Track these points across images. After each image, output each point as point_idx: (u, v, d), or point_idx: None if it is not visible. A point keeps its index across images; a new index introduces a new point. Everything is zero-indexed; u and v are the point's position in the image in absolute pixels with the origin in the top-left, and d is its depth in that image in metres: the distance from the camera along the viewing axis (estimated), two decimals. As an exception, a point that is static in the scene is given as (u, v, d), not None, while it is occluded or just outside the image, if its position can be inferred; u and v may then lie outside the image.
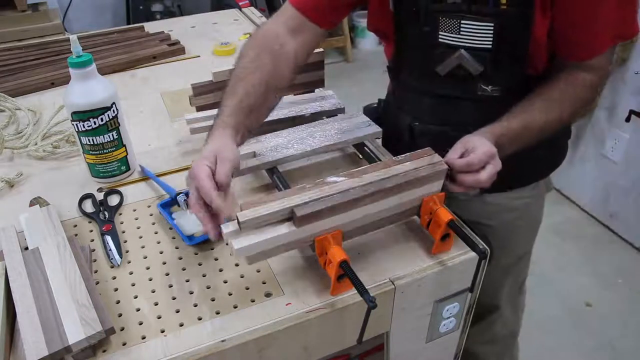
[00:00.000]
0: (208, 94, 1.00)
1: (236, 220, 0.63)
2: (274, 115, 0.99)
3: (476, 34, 0.82)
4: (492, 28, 0.81)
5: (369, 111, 1.15)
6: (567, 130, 1.05)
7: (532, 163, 0.99)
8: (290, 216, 0.65)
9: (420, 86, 0.96)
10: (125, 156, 0.93)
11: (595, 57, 0.84)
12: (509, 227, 1.05)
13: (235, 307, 0.68)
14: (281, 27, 0.88)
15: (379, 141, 1.03)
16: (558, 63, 0.88)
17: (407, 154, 0.74)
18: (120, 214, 0.86)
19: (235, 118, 0.77)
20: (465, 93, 0.90)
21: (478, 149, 0.75)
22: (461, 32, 0.83)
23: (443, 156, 0.75)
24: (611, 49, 0.85)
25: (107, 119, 0.86)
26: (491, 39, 0.82)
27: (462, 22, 0.82)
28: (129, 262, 0.76)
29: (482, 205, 1.02)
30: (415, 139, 0.99)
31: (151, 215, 0.85)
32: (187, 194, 0.86)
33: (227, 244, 0.65)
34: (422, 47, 0.90)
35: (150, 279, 0.73)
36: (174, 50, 1.44)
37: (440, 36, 0.85)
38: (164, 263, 0.76)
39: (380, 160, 0.93)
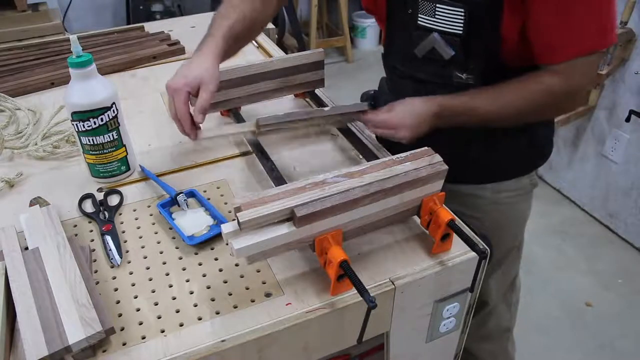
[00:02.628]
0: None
1: (236, 221, 0.64)
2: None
3: (449, 18, 0.86)
4: (462, 14, 0.84)
5: (365, 96, 1.17)
6: (548, 130, 1.06)
7: (512, 158, 1.02)
8: (290, 216, 0.65)
9: (404, 70, 1.01)
10: (125, 156, 0.93)
11: (562, 62, 0.84)
12: (494, 221, 1.06)
13: (235, 307, 0.68)
14: None
15: (374, 136, 1.04)
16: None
17: (408, 153, 0.74)
18: (120, 214, 0.86)
19: (225, 42, 0.88)
20: (442, 79, 0.93)
21: (394, 113, 0.89)
22: (436, 16, 0.87)
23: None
24: (584, 59, 0.83)
25: (107, 119, 0.86)
26: (462, 25, 0.85)
27: (437, 5, 0.86)
28: (129, 262, 0.76)
29: (467, 197, 1.04)
30: None
31: (151, 215, 0.85)
32: (187, 194, 0.86)
33: (227, 244, 0.65)
34: (405, 30, 0.94)
35: (150, 279, 0.73)
36: (174, 50, 1.44)
37: (419, 18, 0.90)
38: (164, 263, 0.76)
39: (374, 153, 0.94)
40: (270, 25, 1.65)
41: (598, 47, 0.84)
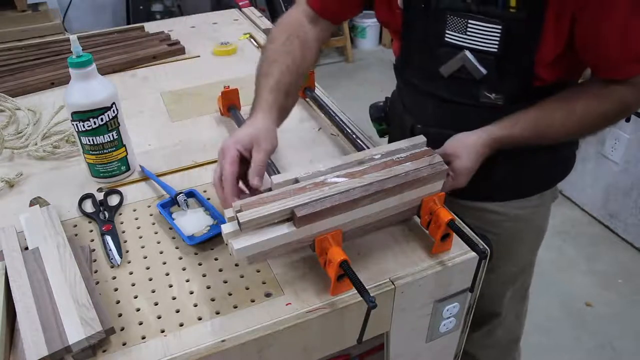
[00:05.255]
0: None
1: (236, 221, 0.63)
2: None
3: (482, 35, 0.80)
4: (499, 31, 0.78)
5: (375, 109, 1.14)
6: (572, 144, 1.01)
7: (536, 174, 0.98)
8: (290, 216, 0.65)
9: (424, 87, 0.94)
10: (125, 156, 0.93)
11: (635, 76, 0.78)
12: (513, 236, 1.03)
13: (235, 307, 0.68)
14: (302, 15, 0.94)
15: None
16: (591, 75, 0.83)
17: (408, 153, 0.74)
18: (120, 214, 0.86)
19: (275, 97, 0.80)
20: (468, 98, 0.88)
21: (454, 164, 0.81)
22: (467, 33, 0.81)
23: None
24: None
25: (107, 119, 0.86)
26: (497, 42, 0.79)
27: (470, 22, 0.80)
28: (129, 262, 0.76)
29: (485, 213, 1.00)
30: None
31: (151, 215, 0.85)
32: (187, 194, 0.86)
33: (226, 244, 0.65)
34: (428, 46, 0.87)
35: (150, 279, 0.73)
36: (174, 50, 1.44)
37: (447, 35, 0.83)
38: (164, 263, 0.76)
39: (367, 148, 0.94)
40: (270, 25, 1.65)
41: None
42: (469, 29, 0.80)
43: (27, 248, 0.74)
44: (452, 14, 0.81)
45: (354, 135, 0.98)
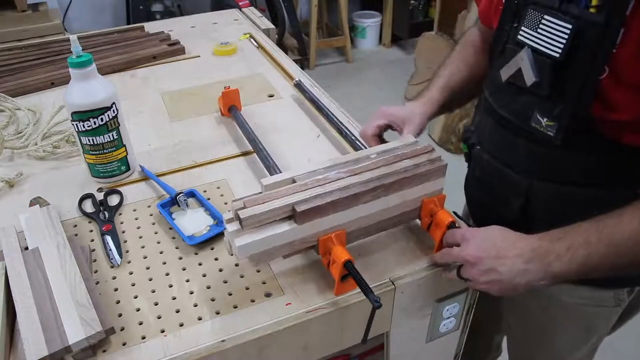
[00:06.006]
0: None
1: (237, 221, 0.63)
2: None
3: (550, 35, 0.70)
4: (568, 32, 0.68)
5: (466, 129, 1.04)
6: None
7: None
8: (292, 214, 0.65)
9: (488, 97, 0.87)
10: (125, 156, 0.93)
11: None
12: (549, 319, 0.91)
13: (235, 307, 0.68)
14: (476, 28, 1.01)
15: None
16: None
17: (408, 150, 0.74)
18: (120, 214, 0.86)
19: (440, 93, 0.94)
20: (519, 118, 0.78)
21: (466, 245, 0.68)
22: (538, 29, 0.72)
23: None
24: None
25: (107, 119, 0.86)
26: (562, 45, 0.69)
27: (545, 17, 0.71)
28: (129, 262, 0.76)
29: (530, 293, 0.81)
30: (470, 162, 0.96)
31: (151, 215, 0.85)
32: (187, 194, 0.86)
33: (227, 247, 0.65)
34: (501, 45, 0.80)
35: (150, 279, 0.73)
36: (174, 50, 1.44)
37: (521, 32, 0.75)
38: (164, 263, 0.76)
39: (357, 140, 0.96)
40: (271, 25, 1.65)
41: None
42: (540, 26, 0.71)
43: (27, 248, 0.74)
44: (534, 8, 0.73)
45: (353, 137, 0.98)
